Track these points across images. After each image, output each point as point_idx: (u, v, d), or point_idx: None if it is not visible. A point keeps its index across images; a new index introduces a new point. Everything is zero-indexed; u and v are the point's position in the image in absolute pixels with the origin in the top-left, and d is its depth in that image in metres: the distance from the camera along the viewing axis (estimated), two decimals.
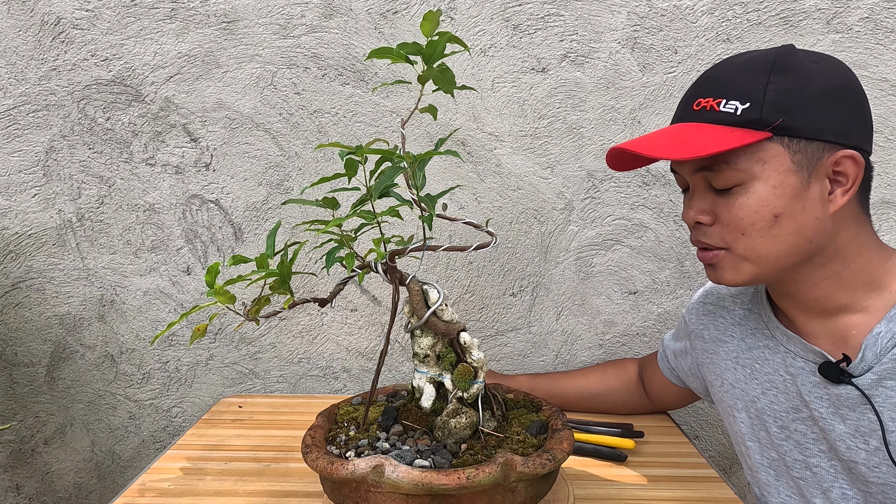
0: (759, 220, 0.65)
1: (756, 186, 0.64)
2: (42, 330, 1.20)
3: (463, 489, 0.60)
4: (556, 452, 0.65)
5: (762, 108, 0.62)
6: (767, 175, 0.63)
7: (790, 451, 0.75)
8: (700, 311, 0.89)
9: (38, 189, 1.15)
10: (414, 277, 0.72)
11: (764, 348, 0.78)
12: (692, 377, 0.93)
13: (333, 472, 0.63)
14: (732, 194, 0.66)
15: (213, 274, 0.62)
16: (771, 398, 0.76)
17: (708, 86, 0.67)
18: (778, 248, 0.66)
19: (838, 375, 0.67)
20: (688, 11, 1.08)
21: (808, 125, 0.62)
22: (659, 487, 0.84)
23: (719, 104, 0.64)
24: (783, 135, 0.62)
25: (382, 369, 1.23)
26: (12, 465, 1.25)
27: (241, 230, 1.17)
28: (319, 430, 0.74)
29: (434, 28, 0.61)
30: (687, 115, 0.69)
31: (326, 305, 0.73)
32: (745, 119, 0.63)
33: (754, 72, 0.64)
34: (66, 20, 1.09)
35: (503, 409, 0.76)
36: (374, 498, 0.63)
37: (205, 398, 1.23)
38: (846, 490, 0.70)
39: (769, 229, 0.65)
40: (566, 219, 1.16)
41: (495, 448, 0.68)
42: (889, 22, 1.07)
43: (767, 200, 0.64)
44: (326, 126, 1.13)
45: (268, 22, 1.10)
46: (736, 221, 0.66)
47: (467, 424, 0.70)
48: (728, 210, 0.66)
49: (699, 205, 0.69)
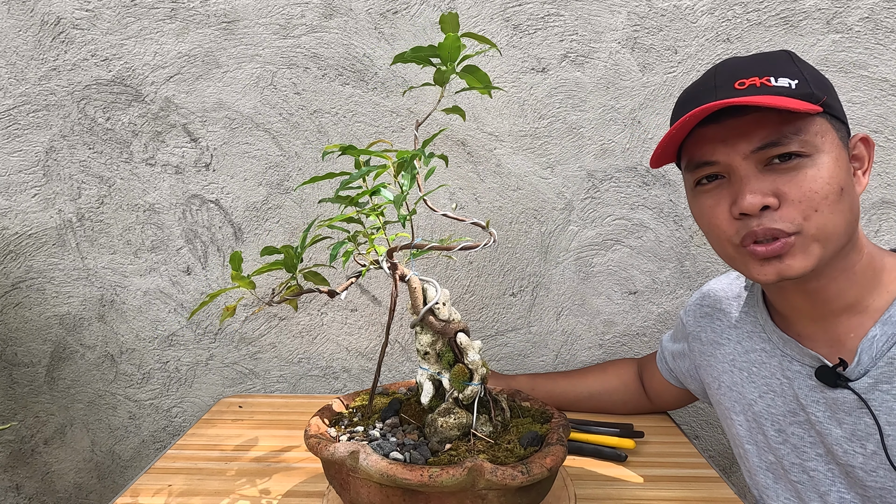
0: (830, 192, 0.62)
1: (822, 159, 0.62)
2: (42, 330, 1.20)
3: (425, 486, 0.60)
4: (533, 466, 0.62)
5: (809, 85, 0.63)
6: (828, 147, 0.63)
7: (787, 455, 0.75)
8: (697, 313, 0.89)
9: (38, 189, 1.15)
10: (415, 275, 0.72)
11: (761, 351, 0.78)
12: (690, 379, 0.93)
13: (319, 451, 0.66)
14: (800, 168, 0.62)
15: (236, 261, 0.66)
16: (768, 401, 0.76)
17: (742, 69, 0.65)
18: (841, 224, 0.63)
19: (835, 379, 0.67)
20: (688, 11, 1.08)
21: (837, 106, 0.65)
22: (659, 487, 0.84)
23: (770, 80, 0.63)
24: (827, 112, 0.64)
25: (383, 369, 1.23)
26: (12, 465, 1.25)
27: (241, 230, 1.17)
28: (328, 411, 0.77)
29: (454, 29, 0.60)
30: (734, 93, 0.63)
31: (335, 297, 0.74)
32: (801, 93, 0.62)
33: (779, 60, 0.65)
34: (66, 20, 1.09)
35: (505, 415, 0.75)
36: (353, 482, 0.66)
37: (205, 398, 1.23)
38: (844, 494, 0.70)
39: (838, 203, 0.63)
40: (566, 219, 1.16)
41: (480, 452, 0.67)
42: (889, 22, 1.07)
43: (835, 172, 0.63)
44: (326, 126, 1.13)
45: (268, 22, 1.10)
46: (810, 196, 0.62)
47: (455, 425, 0.69)
48: (798, 186, 0.62)
49: (761, 187, 0.63)
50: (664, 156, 0.70)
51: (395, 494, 0.63)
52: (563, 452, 0.66)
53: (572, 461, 0.91)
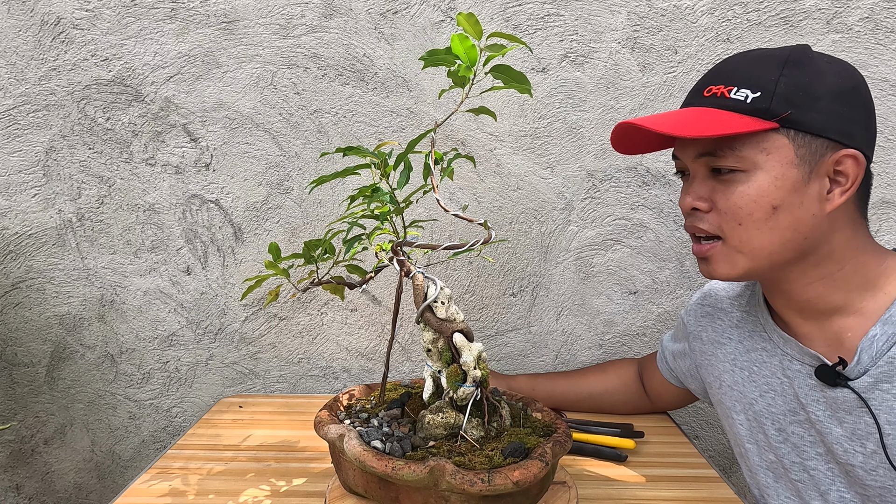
0: (756, 210, 0.64)
1: (757, 176, 0.64)
2: (42, 330, 1.20)
3: (388, 477, 0.63)
4: (496, 477, 0.61)
5: (772, 99, 0.63)
6: (770, 166, 0.64)
7: (788, 454, 0.75)
8: (698, 312, 0.89)
9: (38, 189, 1.15)
10: (419, 272, 0.72)
11: (762, 351, 0.78)
12: (691, 378, 0.94)
13: (317, 429, 0.72)
14: (733, 182, 0.65)
15: (275, 251, 0.72)
16: (768, 400, 0.77)
17: (720, 74, 0.68)
18: (773, 242, 0.66)
19: (834, 378, 0.68)
20: (688, 11, 1.08)
21: (815, 121, 0.63)
22: (659, 487, 0.84)
23: (730, 91, 0.65)
24: (790, 127, 0.63)
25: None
26: (12, 465, 1.25)
27: (241, 230, 1.17)
28: (346, 395, 0.83)
29: (474, 29, 0.59)
30: (697, 101, 0.69)
31: (354, 289, 0.77)
32: (755, 108, 0.63)
33: (768, 64, 0.65)
34: (66, 20, 1.09)
35: (503, 422, 0.73)
36: (344, 463, 0.70)
37: (205, 398, 1.23)
38: (844, 493, 0.71)
39: (766, 221, 0.65)
40: (566, 219, 1.16)
41: (460, 455, 0.66)
42: (889, 22, 1.07)
43: (767, 191, 0.64)
44: (326, 126, 1.13)
45: (268, 22, 1.10)
46: (734, 210, 0.65)
47: (441, 424, 0.70)
48: (727, 198, 0.66)
49: (697, 191, 0.69)
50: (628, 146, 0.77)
51: (373, 481, 0.66)
52: (537, 468, 0.64)
53: (572, 461, 0.92)
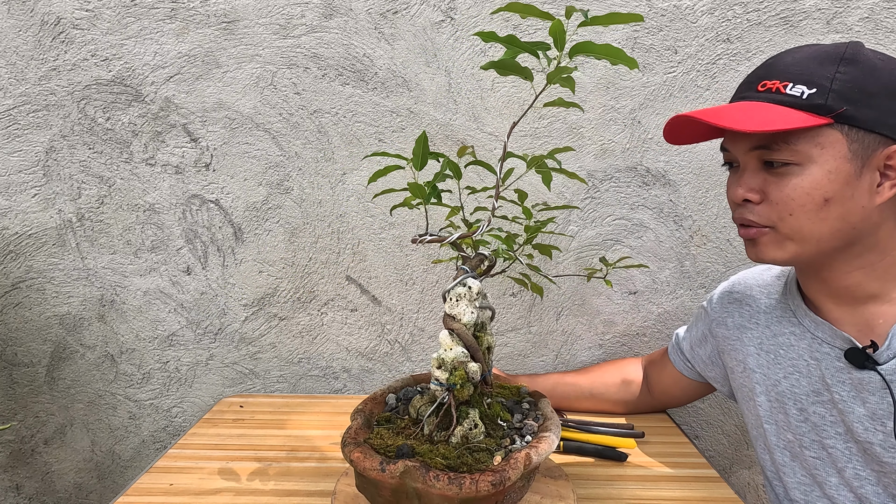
0: (809, 202, 0.67)
1: (811, 169, 0.67)
2: (42, 330, 1.20)
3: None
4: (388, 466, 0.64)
5: (828, 96, 0.65)
6: (824, 160, 0.66)
7: (807, 433, 0.78)
8: (725, 299, 0.92)
9: (38, 189, 1.15)
10: (463, 267, 0.73)
11: (790, 335, 0.81)
12: (710, 365, 0.95)
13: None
14: (786, 175, 0.68)
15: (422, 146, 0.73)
16: (792, 382, 0.79)
17: (775, 69, 0.70)
18: (822, 231, 0.68)
19: (863, 361, 0.71)
20: (688, 11, 1.08)
21: (869, 117, 0.65)
22: (659, 487, 0.84)
23: (786, 87, 0.67)
24: (844, 123, 0.65)
25: (384, 369, 1.23)
26: (12, 465, 1.25)
27: (241, 230, 1.17)
28: (410, 379, 0.88)
29: (526, 9, 0.60)
30: (751, 95, 0.70)
31: (443, 242, 0.76)
32: (810, 103, 0.65)
33: (824, 61, 0.67)
34: (66, 20, 1.09)
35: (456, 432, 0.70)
36: None
37: (205, 398, 1.23)
38: (860, 471, 0.74)
39: (817, 212, 0.67)
40: (566, 219, 1.16)
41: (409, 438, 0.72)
42: (889, 22, 1.07)
43: (821, 184, 0.66)
44: (326, 126, 1.13)
45: (268, 22, 1.10)
46: (786, 201, 0.68)
47: (417, 406, 0.75)
48: (780, 190, 0.68)
49: (749, 182, 0.71)
50: (678, 137, 0.79)
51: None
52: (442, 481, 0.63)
53: (573, 461, 0.92)
